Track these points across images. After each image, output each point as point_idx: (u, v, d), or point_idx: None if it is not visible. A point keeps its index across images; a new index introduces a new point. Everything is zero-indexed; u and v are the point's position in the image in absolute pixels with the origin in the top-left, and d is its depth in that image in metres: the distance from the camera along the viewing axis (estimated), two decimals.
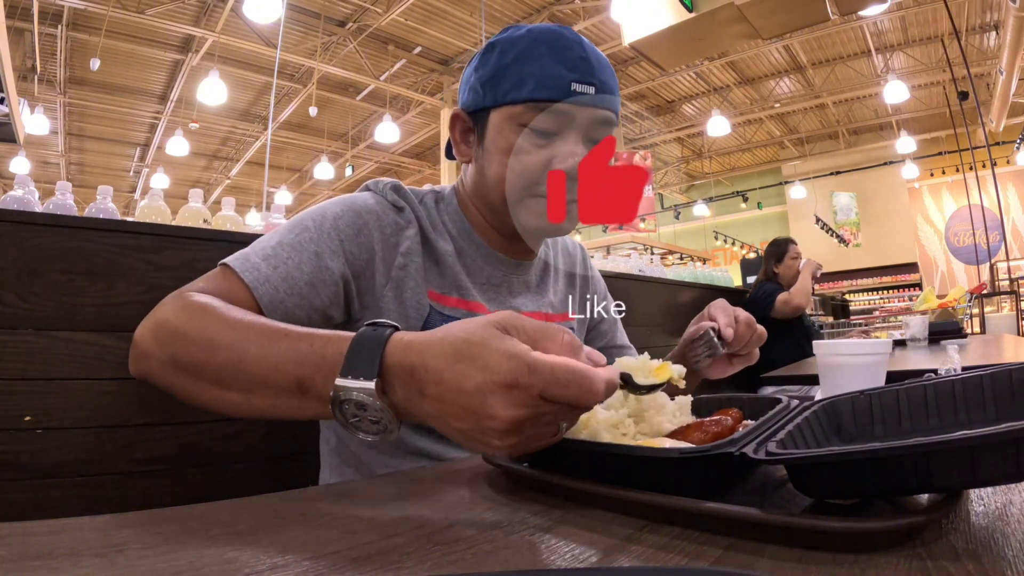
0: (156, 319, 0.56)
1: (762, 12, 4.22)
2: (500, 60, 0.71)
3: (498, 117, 0.71)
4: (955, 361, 1.14)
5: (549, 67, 0.68)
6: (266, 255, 0.63)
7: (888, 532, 0.30)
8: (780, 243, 3.14)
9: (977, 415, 0.44)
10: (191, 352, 0.52)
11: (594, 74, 0.69)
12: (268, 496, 0.46)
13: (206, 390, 0.51)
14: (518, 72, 0.69)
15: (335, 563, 0.31)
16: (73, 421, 0.85)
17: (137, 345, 0.56)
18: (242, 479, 0.98)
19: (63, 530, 0.36)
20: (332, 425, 0.78)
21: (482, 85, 0.72)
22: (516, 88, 0.69)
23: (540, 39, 0.70)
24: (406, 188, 0.76)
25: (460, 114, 0.76)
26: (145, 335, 0.56)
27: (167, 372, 0.53)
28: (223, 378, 0.50)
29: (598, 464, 0.43)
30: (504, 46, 0.71)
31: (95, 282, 0.88)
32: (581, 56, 0.69)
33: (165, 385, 0.54)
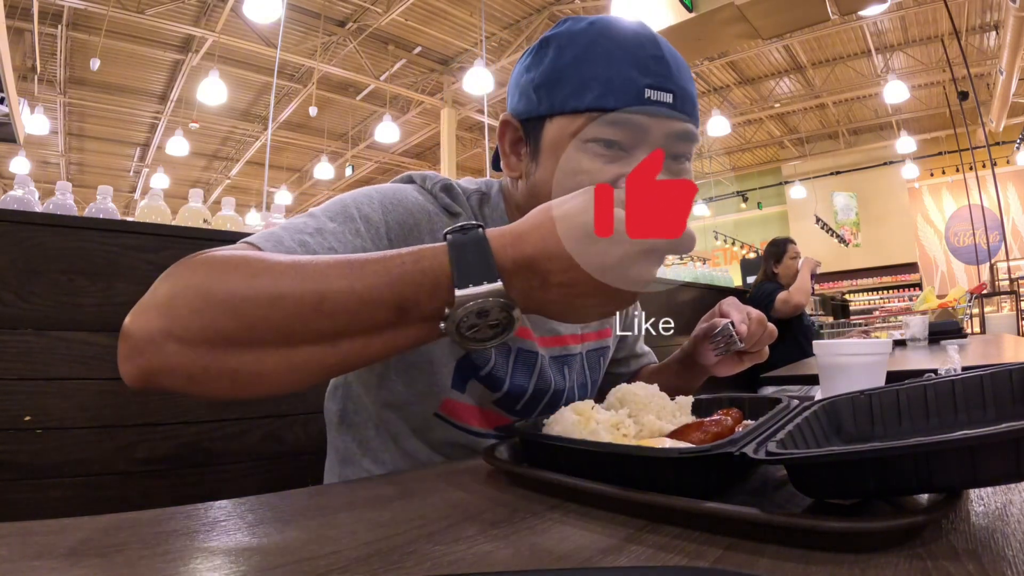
0: (159, 296, 0.43)
1: (762, 12, 4.23)
2: (557, 59, 0.60)
3: (556, 127, 0.60)
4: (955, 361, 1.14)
5: (617, 69, 0.57)
6: (303, 241, 0.53)
7: (888, 532, 0.30)
8: (779, 243, 3.15)
9: (977, 415, 0.44)
10: (240, 313, 0.40)
11: (672, 78, 0.58)
12: (268, 496, 0.46)
13: (267, 357, 0.41)
14: (579, 74, 0.58)
15: (335, 563, 0.31)
16: (73, 421, 0.85)
17: (132, 336, 0.42)
18: (242, 479, 0.98)
19: (63, 530, 0.36)
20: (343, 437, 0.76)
21: (535, 89, 0.61)
22: (576, 94, 0.58)
23: (604, 34, 0.59)
24: (458, 189, 0.68)
25: (511, 121, 0.65)
26: (147, 320, 0.42)
27: (196, 355, 0.40)
28: (295, 332, 0.40)
29: (598, 464, 0.43)
30: (562, 42, 0.60)
31: (95, 282, 0.88)
32: (655, 55, 0.58)
33: (189, 375, 0.41)
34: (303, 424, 1.04)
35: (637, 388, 0.53)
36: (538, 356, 0.71)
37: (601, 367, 0.84)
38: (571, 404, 0.53)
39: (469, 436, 0.70)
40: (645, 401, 0.52)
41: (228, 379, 0.41)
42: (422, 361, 0.65)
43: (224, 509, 0.42)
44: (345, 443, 0.75)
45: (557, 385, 0.74)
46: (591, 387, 0.81)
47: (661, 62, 0.58)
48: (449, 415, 0.68)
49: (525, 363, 0.69)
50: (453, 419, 0.69)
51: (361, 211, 0.59)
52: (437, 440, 0.70)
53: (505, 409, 0.71)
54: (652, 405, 0.51)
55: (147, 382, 0.42)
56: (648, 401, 0.52)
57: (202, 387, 0.42)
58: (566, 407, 0.52)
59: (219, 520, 0.39)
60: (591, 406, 0.52)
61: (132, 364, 0.42)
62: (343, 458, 0.75)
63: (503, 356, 0.68)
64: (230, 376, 0.41)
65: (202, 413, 0.95)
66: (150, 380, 0.42)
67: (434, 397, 0.67)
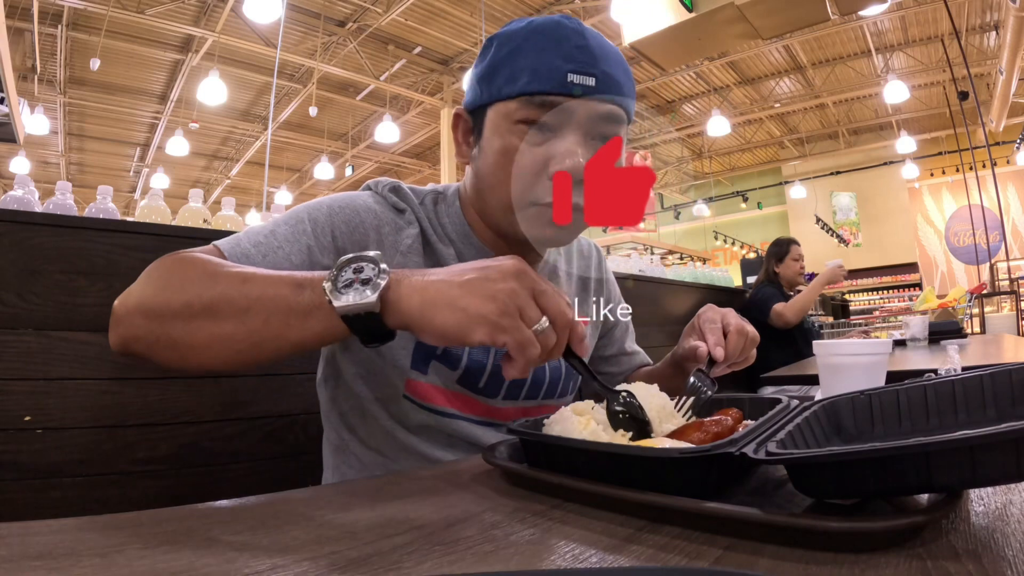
0: (138, 282, 0.55)
1: (762, 12, 4.22)
2: (496, 54, 0.67)
3: (493, 115, 0.67)
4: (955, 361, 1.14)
5: (544, 58, 0.63)
6: (257, 242, 0.62)
7: (888, 532, 0.31)
8: (782, 243, 3.11)
9: (977, 415, 0.44)
10: (184, 292, 0.52)
11: (595, 64, 0.64)
12: (268, 496, 0.46)
13: (198, 329, 0.50)
14: (512, 65, 0.65)
15: (335, 563, 0.31)
16: (73, 421, 0.85)
17: (115, 312, 0.54)
18: (242, 479, 0.98)
19: (63, 530, 0.36)
20: (334, 426, 0.78)
21: (479, 81, 0.69)
22: (509, 82, 0.64)
23: (538, 30, 0.66)
24: (406, 188, 0.75)
25: (461, 113, 0.73)
26: (126, 298, 0.54)
27: (152, 326, 0.52)
28: (220, 307, 0.50)
29: (598, 464, 0.43)
30: (501, 40, 0.68)
31: (95, 282, 0.88)
32: (579, 45, 0.64)
33: (148, 343, 0.52)
34: (303, 424, 1.04)
35: (637, 388, 0.53)
36: None
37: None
38: (571, 404, 0.53)
39: (440, 418, 0.72)
40: (645, 401, 0.52)
41: (171, 348, 0.52)
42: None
43: (224, 509, 0.42)
44: (337, 431, 0.77)
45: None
46: (566, 371, 0.81)
47: (584, 50, 0.64)
48: (415, 396, 0.71)
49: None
50: (420, 400, 0.71)
51: (311, 216, 0.67)
52: (413, 424, 0.72)
53: (469, 389, 0.73)
54: (652, 405, 0.51)
55: (125, 348, 0.54)
56: (648, 401, 0.52)
57: (156, 355, 0.53)
58: (566, 407, 0.52)
59: (219, 520, 0.39)
60: (591, 406, 0.52)
61: (114, 333, 0.55)
62: (335, 447, 0.77)
63: None
64: (172, 345, 0.52)
65: (202, 413, 0.95)
66: (127, 347, 0.54)
67: (397, 378, 0.70)
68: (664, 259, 5.54)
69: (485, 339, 0.45)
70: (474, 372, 0.72)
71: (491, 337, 0.45)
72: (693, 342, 0.73)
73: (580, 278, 0.89)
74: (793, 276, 3.02)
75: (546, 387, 0.79)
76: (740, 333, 0.72)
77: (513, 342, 0.45)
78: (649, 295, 2.61)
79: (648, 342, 1.00)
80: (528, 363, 0.46)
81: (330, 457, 0.79)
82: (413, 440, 0.72)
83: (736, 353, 0.72)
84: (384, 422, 0.72)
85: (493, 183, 0.68)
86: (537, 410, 0.78)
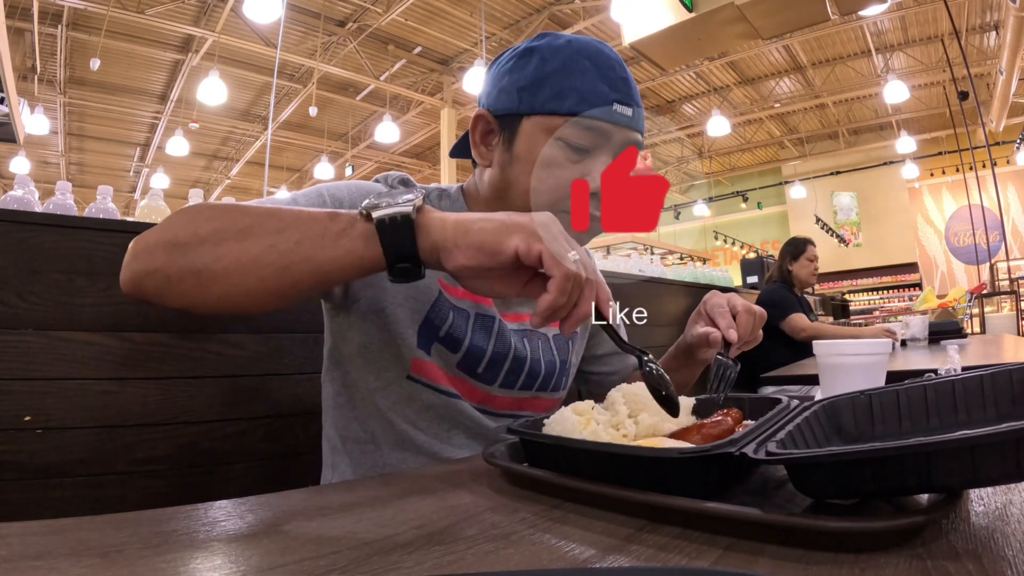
0: (163, 222, 0.55)
1: (762, 12, 4.22)
2: (541, 68, 0.69)
3: (533, 126, 0.69)
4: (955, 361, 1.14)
5: (593, 83, 0.68)
6: (277, 204, 0.63)
7: (888, 532, 0.31)
8: (798, 243, 3.05)
9: (977, 416, 0.44)
10: (220, 218, 0.52)
11: (632, 96, 0.70)
12: (268, 496, 0.46)
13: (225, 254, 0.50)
14: (560, 83, 0.68)
15: (335, 563, 0.31)
16: (73, 421, 0.85)
17: (134, 246, 0.54)
18: (242, 479, 0.98)
19: (63, 530, 0.36)
20: (334, 424, 0.78)
21: (519, 90, 0.70)
22: (557, 99, 0.68)
23: (583, 52, 0.69)
24: (414, 181, 0.76)
25: (485, 115, 0.74)
26: (147, 234, 0.54)
27: (175, 257, 0.52)
28: (251, 230, 0.51)
29: (598, 464, 0.43)
30: (545, 54, 0.70)
31: (95, 282, 0.88)
32: (623, 77, 0.70)
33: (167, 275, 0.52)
34: (303, 424, 1.04)
35: (637, 388, 0.54)
36: (495, 320, 0.76)
37: (570, 349, 0.86)
38: (571, 404, 0.53)
39: (444, 398, 0.73)
40: (645, 401, 0.52)
41: (193, 277, 0.51)
42: (387, 321, 0.70)
43: (224, 509, 0.42)
44: (336, 427, 0.77)
45: (518, 351, 0.77)
46: (560, 366, 0.83)
47: (627, 83, 0.70)
48: (420, 374, 0.72)
49: (483, 326, 0.75)
50: (425, 379, 0.72)
51: (330, 192, 0.70)
52: (416, 409, 0.72)
53: (468, 373, 0.74)
54: (652, 406, 0.51)
55: (135, 285, 0.54)
56: (648, 402, 0.52)
57: (173, 288, 0.52)
58: (566, 407, 0.52)
59: (219, 520, 0.40)
60: (591, 406, 0.52)
61: (128, 269, 0.54)
62: (334, 447, 0.78)
63: (462, 318, 0.73)
64: (195, 273, 0.51)
65: (202, 413, 0.95)
66: (139, 283, 0.53)
67: (403, 358, 0.71)
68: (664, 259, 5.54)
69: (521, 245, 0.45)
70: (474, 356, 0.73)
71: (527, 243, 0.45)
72: (702, 328, 0.74)
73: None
74: (807, 277, 2.99)
75: (541, 379, 0.80)
76: (748, 313, 0.73)
77: (548, 252, 0.45)
78: (649, 295, 2.61)
79: (648, 342, 1.00)
80: (562, 289, 0.46)
81: (329, 456, 0.79)
82: (414, 432, 0.73)
83: (748, 333, 0.73)
84: (387, 412, 0.72)
85: (526, 188, 0.70)
86: (531, 402, 0.80)
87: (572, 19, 7.01)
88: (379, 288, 0.70)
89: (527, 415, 0.78)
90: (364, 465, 0.74)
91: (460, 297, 0.74)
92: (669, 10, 4.38)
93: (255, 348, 1.00)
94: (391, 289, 0.70)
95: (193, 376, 0.94)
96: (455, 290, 0.74)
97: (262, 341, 1.01)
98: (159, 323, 0.92)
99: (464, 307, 0.74)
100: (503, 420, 0.78)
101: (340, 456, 0.77)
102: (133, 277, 0.54)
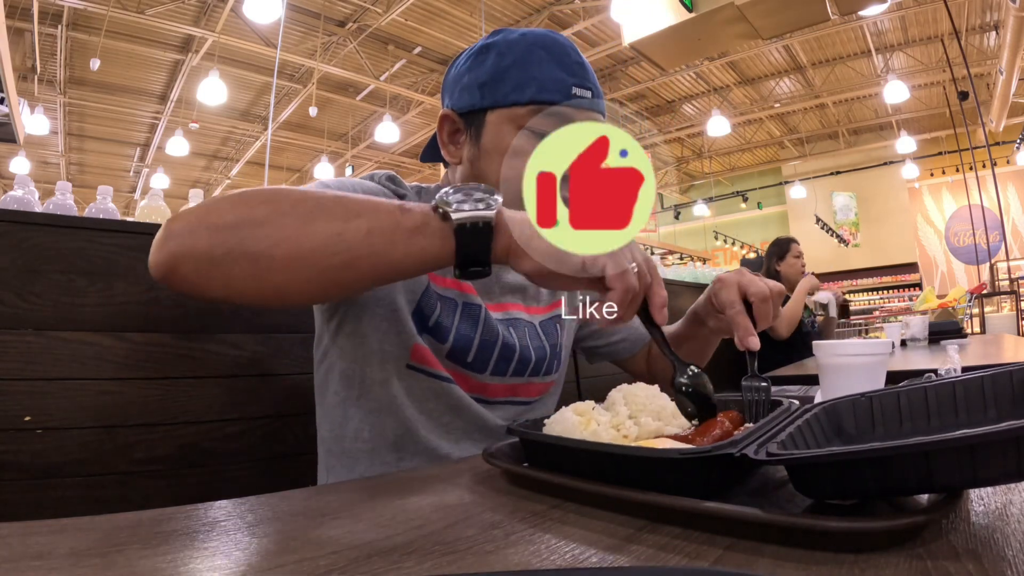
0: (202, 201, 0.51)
1: (762, 12, 4.22)
2: (499, 63, 0.71)
3: (497, 118, 0.71)
4: (955, 361, 1.14)
5: (550, 71, 0.70)
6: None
7: (888, 532, 0.31)
8: (782, 243, 3.10)
9: (978, 417, 0.44)
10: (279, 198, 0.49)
11: (589, 79, 0.72)
12: (268, 496, 0.46)
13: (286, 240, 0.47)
14: (519, 75, 0.70)
15: (335, 563, 0.31)
16: (73, 421, 0.85)
17: (171, 225, 0.49)
18: (242, 479, 0.98)
19: (63, 530, 0.36)
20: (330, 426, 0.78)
21: (479, 86, 0.72)
22: (518, 90, 0.70)
23: (537, 43, 0.72)
24: (399, 178, 0.79)
25: (450, 115, 0.76)
26: (188, 213, 0.49)
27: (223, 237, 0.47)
28: (317, 214, 0.48)
29: (600, 465, 0.43)
30: (501, 49, 0.72)
31: (95, 282, 0.88)
32: (578, 62, 0.72)
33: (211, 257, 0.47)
34: (303, 424, 1.04)
35: (637, 389, 0.54)
36: (481, 308, 0.76)
37: (559, 333, 0.87)
38: (572, 405, 0.53)
39: (443, 384, 0.73)
40: (645, 402, 0.52)
41: (248, 262, 0.48)
42: (391, 309, 0.71)
43: (224, 509, 0.42)
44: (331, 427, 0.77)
45: (506, 339, 0.77)
46: (550, 350, 0.83)
47: (583, 67, 0.72)
48: (419, 361, 0.72)
49: (469, 315, 0.75)
50: (425, 365, 0.73)
51: (336, 184, 0.69)
52: (416, 398, 0.73)
53: (460, 364, 0.75)
54: (652, 406, 0.51)
55: (170, 268, 0.49)
56: (648, 402, 0.52)
57: (220, 270, 0.48)
58: (567, 407, 0.52)
59: (219, 520, 0.39)
60: (592, 406, 0.52)
61: (163, 250, 0.49)
62: (328, 449, 0.78)
63: (449, 308, 0.74)
64: (251, 259, 0.48)
65: (202, 413, 0.95)
66: (174, 265, 0.48)
67: (405, 344, 0.71)
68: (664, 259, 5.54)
69: (588, 261, 0.48)
70: (462, 346, 0.74)
71: (592, 259, 0.48)
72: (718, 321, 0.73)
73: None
74: (795, 274, 3.01)
75: (532, 365, 0.80)
76: (764, 301, 0.67)
77: (613, 266, 0.48)
78: None
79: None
80: (626, 291, 0.48)
81: (325, 458, 0.79)
82: (414, 424, 0.73)
83: (768, 321, 0.68)
84: (387, 405, 0.72)
85: (497, 180, 0.71)
86: (525, 387, 0.80)
87: (572, 19, 7.01)
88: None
89: (522, 400, 0.80)
90: (361, 465, 0.74)
91: (447, 286, 0.75)
92: (669, 10, 4.38)
93: (255, 348, 1.00)
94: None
95: (193, 376, 0.94)
96: (442, 280, 0.75)
97: (262, 341, 1.01)
98: (159, 323, 0.92)
99: (451, 296, 0.75)
100: (500, 408, 0.78)
101: (335, 459, 0.76)
102: (168, 259, 0.48)
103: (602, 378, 1.11)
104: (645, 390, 0.53)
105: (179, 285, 0.50)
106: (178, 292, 0.51)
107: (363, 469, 0.74)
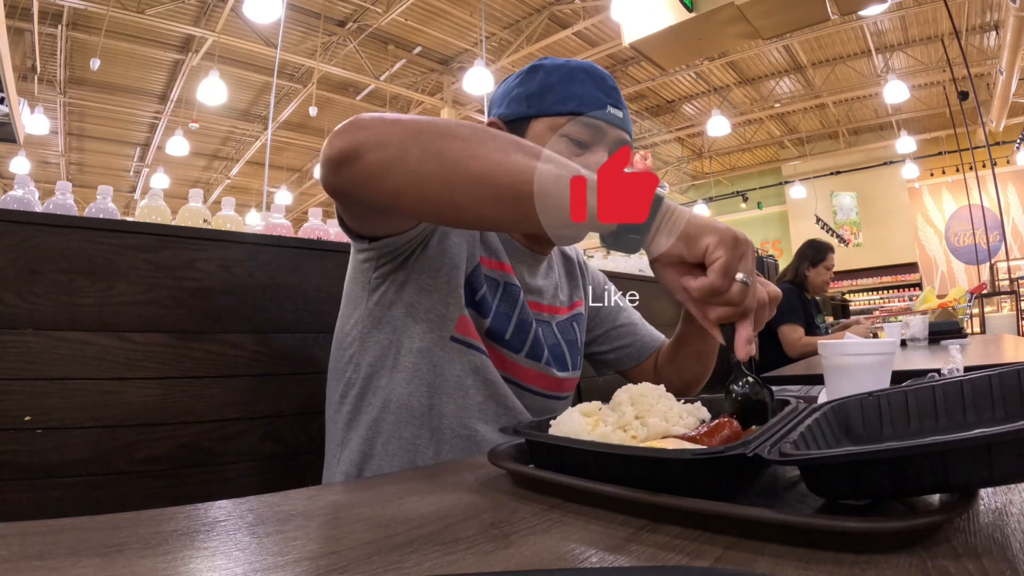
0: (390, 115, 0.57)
1: (762, 12, 4.22)
2: (546, 79, 0.81)
3: (540, 126, 0.79)
4: (957, 360, 1.14)
5: (590, 90, 0.80)
6: None
7: (889, 532, 0.30)
8: (821, 248, 2.97)
9: (986, 415, 0.44)
10: (476, 127, 0.54)
11: (622, 103, 0.83)
12: (268, 496, 0.46)
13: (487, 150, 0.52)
14: (563, 90, 0.80)
15: (335, 563, 0.31)
16: (73, 421, 0.85)
17: (361, 119, 0.55)
18: (242, 479, 0.98)
19: (63, 530, 0.36)
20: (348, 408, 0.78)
21: (527, 98, 0.81)
22: (561, 102, 0.79)
23: (580, 68, 0.82)
24: None
25: (497, 122, 0.84)
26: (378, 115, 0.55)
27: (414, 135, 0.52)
28: (514, 147, 0.53)
29: (610, 466, 0.43)
30: (549, 69, 0.82)
31: (95, 282, 0.88)
32: (614, 87, 0.83)
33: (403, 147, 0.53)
34: (303, 424, 1.04)
35: (644, 389, 0.53)
36: (519, 291, 0.83)
37: (575, 331, 0.93)
38: (578, 406, 0.53)
39: (482, 357, 0.77)
40: (652, 403, 0.51)
41: (439, 164, 0.52)
42: (445, 275, 0.76)
43: (224, 509, 0.42)
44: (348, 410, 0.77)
45: (536, 331, 0.84)
46: (568, 345, 0.89)
47: (617, 92, 0.83)
48: (464, 333, 0.77)
49: (508, 296, 0.82)
50: (467, 336, 0.77)
51: None
52: (451, 376, 0.75)
53: (497, 340, 0.80)
54: (659, 407, 0.51)
55: (355, 153, 0.53)
56: (655, 403, 0.51)
57: (408, 166, 0.52)
58: (573, 408, 0.52)
59: (219, 520, 0.39)
60: (598, 407, 0.52)
61: (352, 136, 0.54)
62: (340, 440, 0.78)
63: (492, 288, 0.81)
64: (445, 162, 0.52)
65: (202, 413, 0.95)
66: (360, 152, 0.53)
67: (450, 316, 0.75)
68: None
69: (712, 243, 0.50)
70: (501, 323, 0.79)
71: (716, 245, 0.49)
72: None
73: (567, 272, 0.99)
74: (821, 284, 2.94)
75: (560, 357, 0.86)
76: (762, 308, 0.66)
77: (727, 256, 0.49)
78: (650, 295, 2.61)
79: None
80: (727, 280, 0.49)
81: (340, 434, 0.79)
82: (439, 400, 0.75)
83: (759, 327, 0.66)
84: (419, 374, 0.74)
85: None
86: (555, 381, 0.85)
87: (572, 19, 7.01)
88: (446, 243, 0.76)
89: (551, 394, 0.85)
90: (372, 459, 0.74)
91: (492, 268, 0.81)
92: (669, 10, 4.38)
93: (255, 348, 1.00)
94: (454, 244, 0.77)
95: (193, 376, 0.94)
96: (488, 261, 0.81)
97: (262, 341, 1.01)
98: (159, 323, 0.92)
99: (495, 276, 0.81)
100: (528, 397, 0.82)
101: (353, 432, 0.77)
102: (357, 145, 0.53)
103: (602, 378, 1.11)
104: (652, 391, 0.53)
105: (353, 174, 0.54)
106: (338, 185, 0.55)
107: (375, 468, 0.74)
